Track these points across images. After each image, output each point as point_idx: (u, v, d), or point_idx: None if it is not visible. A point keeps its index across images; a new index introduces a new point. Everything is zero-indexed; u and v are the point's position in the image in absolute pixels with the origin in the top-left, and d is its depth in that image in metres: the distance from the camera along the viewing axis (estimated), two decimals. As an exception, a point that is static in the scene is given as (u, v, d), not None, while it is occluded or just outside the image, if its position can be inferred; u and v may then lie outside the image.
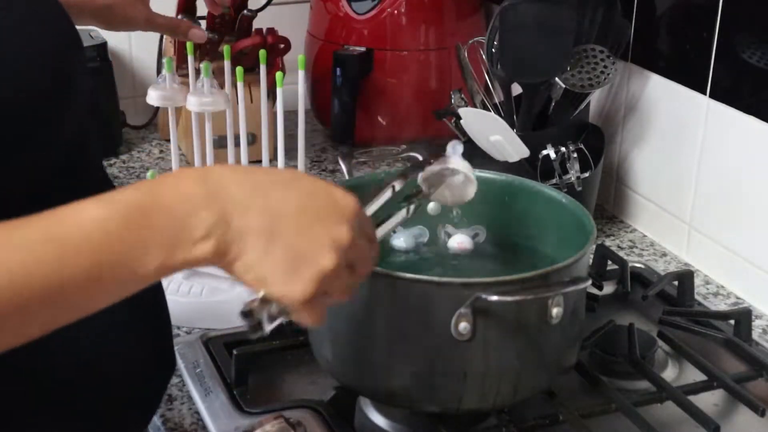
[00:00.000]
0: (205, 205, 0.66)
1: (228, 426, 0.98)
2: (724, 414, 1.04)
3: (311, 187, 0.70)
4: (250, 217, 0.67)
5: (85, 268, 0.63)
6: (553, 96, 1.36)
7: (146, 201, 0.65)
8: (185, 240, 0.65)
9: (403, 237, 1.05)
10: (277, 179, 0.70)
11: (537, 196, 1.05)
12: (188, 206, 0.66)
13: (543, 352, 0.92)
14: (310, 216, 0.69)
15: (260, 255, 0.67)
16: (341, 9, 1.68)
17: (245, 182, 0.68)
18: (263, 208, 0.67)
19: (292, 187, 0.70)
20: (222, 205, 0.66)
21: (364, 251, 0.72)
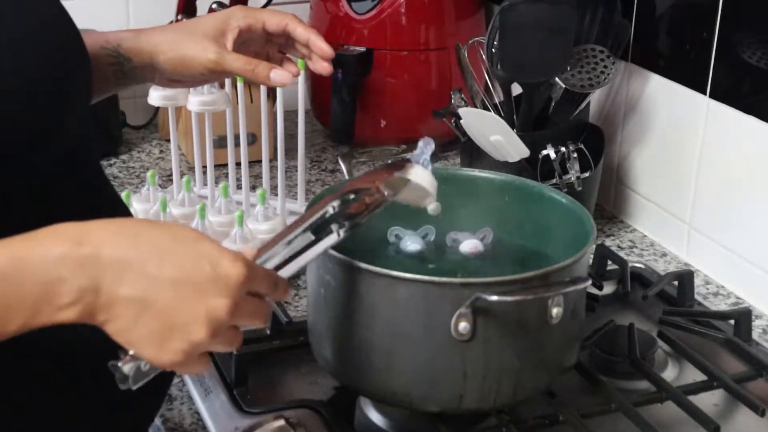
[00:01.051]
0: (74, 272, 0.65)
1: (228, 426, 0.98)
2: (724, 414, 1.04)
3: (195, 256, 0.68)
4: (123, 286, 0.66)
5: None
6: (553, 96, 1.36)
7: (12, 266, 0.64)
8: (50, 305, 0.64)
9: (411, 240, 1.05)
10: (161, 245, 0.68)
11: (537, 196, 1.05)
12: (57, 272, 0.65)
13: (543, 352, 0.92)
14: (187, 288, 0.67)
15: (129, 324, 0.66)
16: (341, 9, 1.68)
17: (124, 247, 0.67)
18: (139, 276, 0.66)
19: (174, 255, 0.68)
20: (94, 271, 0.65)
21: (250, 312, 0.71)
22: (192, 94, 1.35)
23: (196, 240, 0.70)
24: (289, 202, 1.43)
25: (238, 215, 1.22)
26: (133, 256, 0.66)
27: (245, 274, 0.69)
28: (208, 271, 0.68)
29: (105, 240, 0.66)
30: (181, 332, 0.67)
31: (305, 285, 1.12)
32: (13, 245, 0.65)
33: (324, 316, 0.94)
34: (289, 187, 1.51)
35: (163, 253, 0.68)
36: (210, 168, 1.41)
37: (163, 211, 1.25)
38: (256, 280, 0.71)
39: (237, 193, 1.43)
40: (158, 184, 1.35)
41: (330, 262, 0.91)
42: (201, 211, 1.23)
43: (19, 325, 0.65)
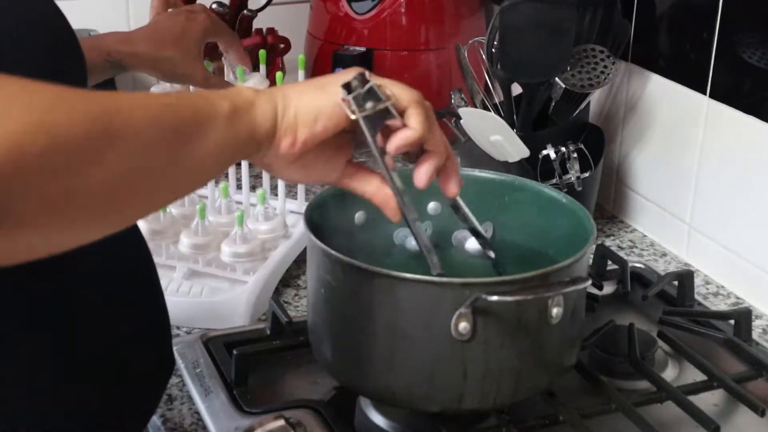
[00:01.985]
0: (268, 98, 0.75)
1: (228, 426, 0.98)
2: (724, 414, 1.04)
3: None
4: (293, 93, 0.77)
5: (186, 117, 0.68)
6: (553, 96, 1.36)
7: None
8: (239, 97, 0.73)
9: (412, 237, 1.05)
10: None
11: (537, 196, 1.05)
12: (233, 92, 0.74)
13: (543, 352, 0.92)
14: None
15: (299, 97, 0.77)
16: (341, 9, 1.68)
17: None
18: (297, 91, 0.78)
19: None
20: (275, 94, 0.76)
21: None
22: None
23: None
24: (289, 202, 1.43)
25: (238, 215, 1.22)
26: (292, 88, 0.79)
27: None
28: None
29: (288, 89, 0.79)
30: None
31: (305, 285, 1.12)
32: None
33: (324, 316, 0.94)
34: (289, 187, 1.51)
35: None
36: (210, 168, 1.41)
37: (163, 211, 1.25)
38: None
39: (237, 193, 1.43)
40: (158, 184, 1.35)
41: (330, 262, 0.91)
42: (201, 211, 1.23)
43: (223, 125, 0.70)
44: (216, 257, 1.23)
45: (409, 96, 0.82)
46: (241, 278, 1.21)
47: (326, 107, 0.77)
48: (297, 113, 0.76)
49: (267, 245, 1.26)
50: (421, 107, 0.82)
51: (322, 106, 0.77)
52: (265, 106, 0.74)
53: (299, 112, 0.76)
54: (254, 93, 0.75)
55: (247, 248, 1.21)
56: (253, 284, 1.19)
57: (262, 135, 0.74)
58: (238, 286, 1.20)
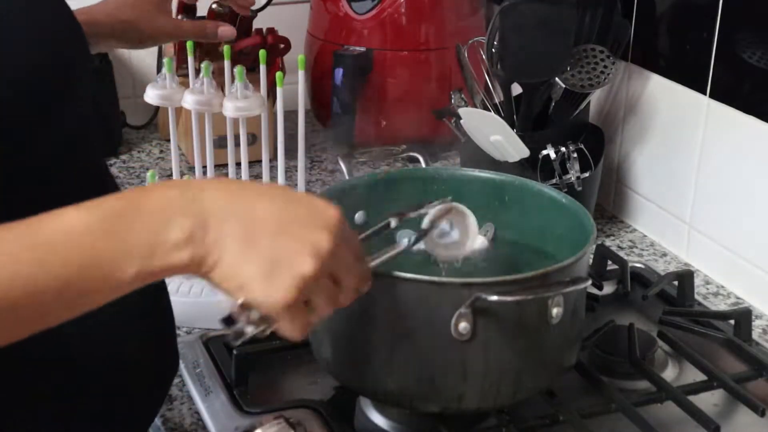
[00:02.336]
0: (183, 212, 0.66)
1: (228, 426, 0.98)
2: (724, 414, 1.04)
3: (293, 197, 0.71)
4: (228, 224, 0.67)
5: (65, 274, 0.63)
6: (553, 96, 1.36)
7: (126, 207, 0.66)
8: (162, 246, 0.65)
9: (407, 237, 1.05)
10: (259, 190, 0.71)
11: (537, 196, 1.05)
12: (167, 212, 0.66)
13: (543, 352, 0.92)
14: (289, 222, 0.69)
15: (238, 260, 0.67)
16: (341, 9, 1.68)
17: (226, 191, 0.69)
18: (243, 215, 0.68)
19: (273, 197, 0.70)
20: (201, 211, 0.67)
21: (347, 261, 0.72)
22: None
23: (287, 188, 0.74)
24: (289, 202, 1.43)
25: (238, 215, 1.22)
26: (236, 199, 0.69)
27: (340, 214, 0.71)
28: (307, 210, 0.70)
29: (207, 186, 0.69)
30: (288, 265, 0.68)
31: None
32: (124, 194, 0.69)
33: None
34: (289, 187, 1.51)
35: (262, 196, 0.70)
36: (210, 168, 1.41)
37: (163, 211, 1.25)
38: (347, 229, 0.73)
39: (237, 193, 1.43)
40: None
41: (330, 262, 0.90)
42: (201, 211, 1.23)
43: (136, 269, 0.65)
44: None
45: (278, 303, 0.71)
46: (241, 278, 1.21)
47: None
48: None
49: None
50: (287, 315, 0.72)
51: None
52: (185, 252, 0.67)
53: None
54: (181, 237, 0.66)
55: (247, 248, 1.21)
56: (253, 284, 1.19)
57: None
58: (238, 286, 1.20)
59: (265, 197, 0.70)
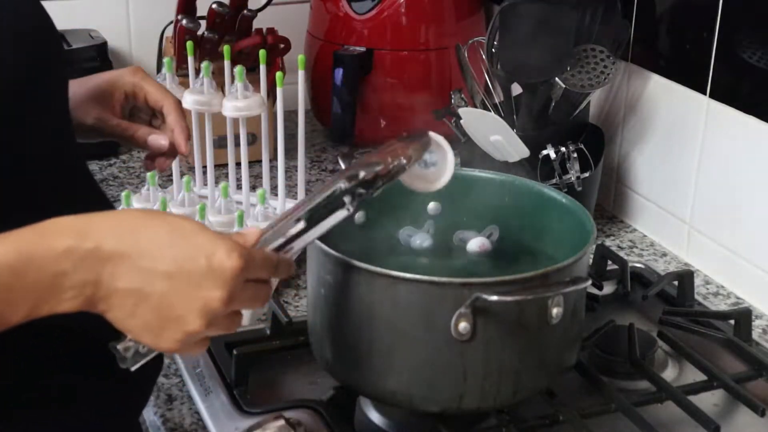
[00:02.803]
0: (76, 266, 0.67)
1: (228, 426, 0.98)
2: (724, 414, 1.04)
3: (190, 250, 0.70)
4: (121, 279, 0.68)
5: None
6: (553, 96, 1.36)
7: (19, 260, 0.66)
8: (53, 297, 0.67)
9: (419, 238, 1.05)
10: (158, 239, 0.70)
11: (537, 196, 1.05)
12: (60, 266, 0.67)
13: (543, 352, 0.92)
14: (181, 281, 0.70)
15: (127, 314, 0.69)
16: (341, 9, 1.68)
17: (123, 241, 0.69)
18: (136, 270, 0.69)
19: (170, 249, 0.70)
20: (94, 265, 0.68)
21: (248, 298, 0.73)
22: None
23: (193, 232, 0.71)
24: (289, 202, 1.43)
25: (238, 215, 1.22)
26: (130, 250, 0.69)
27: (241, 266, 0.71)
28: (203, 265, 0.70)
29: (106, 234, 0.69)
30: (176, 323, 0.70)
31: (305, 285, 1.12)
32: (19, 239, 0.67)
33: (324, 316, 0.94)
34: (289, 187, 1.51)
35: (159, 246, 0.70)
36: (210, 168, 1.41)
37: (164, 209, 1.25)
38: (253, 268, 0.73)
39: (237, 193, 1.43)
40: (158, 184, 1.35)
41: (330, 262, 0.91)
42: (201, 211, 1.23)
43: (24, 315, 0.67)
44: (216, 257, 1.23)
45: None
46: (241, 278, 1.21)
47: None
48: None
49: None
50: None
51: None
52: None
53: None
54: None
55: (247, 248, 1.21)
56: (253, 284, 1.18)
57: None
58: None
59: (162, 250, 0.69)
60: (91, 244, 0.67)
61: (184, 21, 1.52)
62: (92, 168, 1.61)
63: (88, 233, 0.68)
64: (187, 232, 0.71)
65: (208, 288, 0.70)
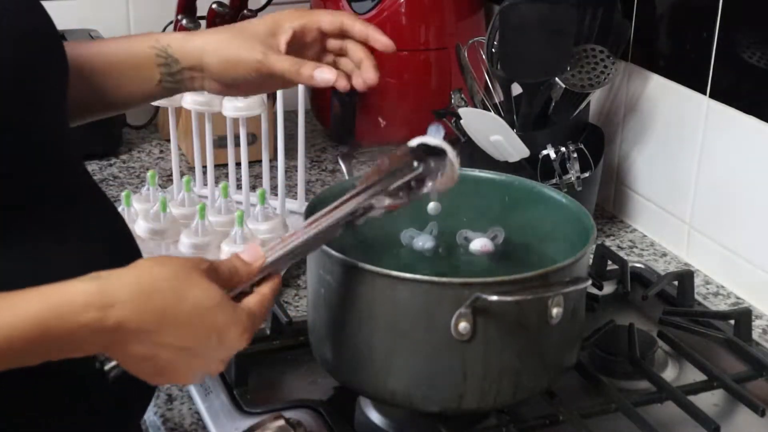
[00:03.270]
0: (94, 338, 0.71)
1: (228, 426, 0.98)
2: (724, 414, 1.04)
3: (203, 329, 0.74)
4: (133, 346, 0.72)
5: None
6: (553, 96, 1.36)
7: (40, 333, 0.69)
8: (67, 354, 0.71)
9: (422, 240, 1.05)
10: (172, 312, 0.73)
11: (537, 196, 1.05)
12: (80, 337, 0.70)
13: (543, 352, 0.92)
14: (192, 355, 0.75)
15: (134, 364, 0.74)
16: (341, 9, 1.68)
17: (145, 318, 0.72)
18: (152, 343, 0.72)
19: (190, 328, 0.74)
20: (111, 338, 0.71)
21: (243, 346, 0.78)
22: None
23: (209, 310, 0.74)
24: (289, 202, 1.43)
25: (238, 215, 1.22)
26: (150, 327, 0.72)
27: (248, 338, 0.77)
28: (214, 343, 0.75)
29: (128, 309, 0.71)
30: (176, 378, 0.78)
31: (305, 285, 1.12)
32: (41, 310, 0.69)
33: (324, 316, 0.94)
34: (289, 187, 1.51)
35: (177, 325, 0.73)
36: (210, 168, 1.41)
37: (163, 211, 1.25)
38: (256, 327, 0.79)
39: (237, 193, 1.43)
40: (158, 184, 1.35)
41: (330, 262, 0.91)
42: (201, 211, 1.23)
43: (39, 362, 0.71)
44: (216, 257, 1.23)
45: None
46: (241, 278, 1.21)
47: None
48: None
49: (267, 245, 1.25)
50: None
51: None
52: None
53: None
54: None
55: (247, 248, 1.21)
56: (253, 284, 1.18)
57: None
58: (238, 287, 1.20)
59: (175, 322, 0.73)
60: (112, 322, 0.70)
61: (184, 21, 1.52)
62: (92, 168, 1.61)
63: (112, 306, 0.70)
64: (203, 308, 0.74)
65: (213, 360, 0.76)
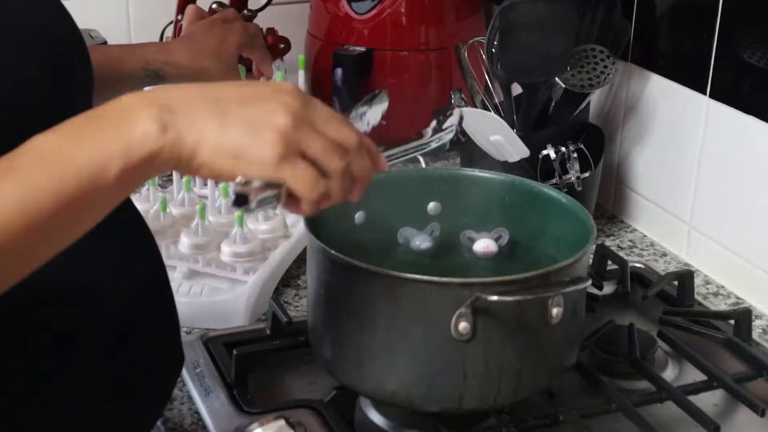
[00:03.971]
0: (146, 105, 0.67)
1: (228, 426, 0.98)
2: (724, 414, 1.04)
3: (257, 87, 0.72)
4: (195, 106, 0.68)
5: (50, 188, 0.64)
6: (553, 96, 1.36)
7: (89, 117, 0.67)
8: (136, 137, 0.66)
9: (419, 239, 1.05)
10: (215, 83, 0.73)
11: (537, 196, 1.05)
12: (130, 110, 0.67)
13: (543, 352, 0.92)
14: (252, 95, 0.71)
15: (218, 133, 0.68)
16: (341, 9, 1.68)
17: (185, 86, 0.70)
18: (205, 97, 0.69)
19: (238, 87, 0.72)
20: (164, 101, 0.67)
21: (323, 116, 0.72)
22: None
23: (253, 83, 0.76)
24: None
25: (238, 215, 1.22)
26: (196, 87, 0.70)
27: (300, 90, 0.72)
28: (264, 85, 0.73)
29: (168, 86, 0.71)
30: (265, 123, 0.69)
31: (305, 285, 1.12)
32: (86, 112, 0.68)
33: (324, 316, 0.94)
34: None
35: (220, 84, 0.72)
36: (210, 168, 1.41)
37: (163, 210, 1.25)
38: (315, 100, 0.73)
39: (237, 193, 1.43)
40: (158, 184, 1.35)
41: (330, 262, 0.91)
42: (201, 211, 1.23)
43: (118, 167, 0.65)
44: (216, 257, 1.23)
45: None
46: (241, 278, 1.21)
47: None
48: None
49: (267, 245, 1.25)
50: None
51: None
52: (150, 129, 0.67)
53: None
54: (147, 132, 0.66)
55: (247, 248, 1.21)
56: (253, 284, 1.19)
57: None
58: (238, 286, 1.20)
59: (222, 84, 0.72)
60: (150, 93, 0.68)
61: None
62: (92, 168, 1.61)
63: (148, 91, 0.69)
64: (247, 81, 0.77)
65: (277, 95, 0.71)
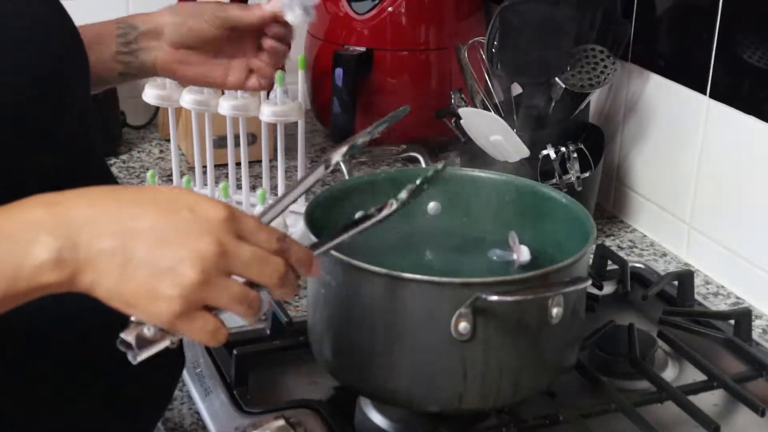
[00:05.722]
0: (49, 230, 0.63)
1: (228, 426, 0.98)
2: (724, 414, 1.04)
3: (171, 205, 0.67)
4: (100, 239, 0.64)
5: None
6: (553, 96, 1.36)
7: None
8: (28, 266, 0.62)
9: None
10: (135, 198, 0.67)
11: (537, 196, 1.05)
12: (31, 232, 0.63)
13: (543, 352, 0.92)
14: (167, 232, 0.65)
15: (117, 279, 0.64)
16: (341, 9, 1.68)
17: (97, 203, 0.66)
18: (115, 228, 0.64)
19: (150, 205, 0.66)
20: (68, 228, 0.63)
21: (245, 258, 0.67)
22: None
23: (172, 190, 0.68)
24: (289, 202, 1.43)
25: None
26: (108, 210, 0.65)
27: (226, 214, 0.67)
28: (187, 215, 0.66)
29: (79, 199, 0.65)
30: (169, 276, 0.64)
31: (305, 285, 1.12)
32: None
33: (324, 316, 0.94)
34: (175, 188, 1.50)
35: (139, 203, 0.66)
36: (210, 168, 1.42)
37: (163, 211, 1.25)
38: (243, 224, 0.68)
39: (237, 193, 1.43)
40: (158, 184, 1.35)
41: (330, 262, 0.91)
42: (201, 211, 1.23)
43: (3, 290, 0.63)
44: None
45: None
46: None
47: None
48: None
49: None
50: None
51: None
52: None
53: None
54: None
55: (247, 248, 1.21)
56: (253, 284, 1.18)
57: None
58: (238, 286, 1.20)
59: (141, 207, 0.66)
60: (62, 209, 0.64)
61: (184, 21, 1.52)
62: (92, 168, 1.61)
63: (60, 202, 0.64)
64: (166, 191, 0.68)
65: (196, 235, 0.65)
